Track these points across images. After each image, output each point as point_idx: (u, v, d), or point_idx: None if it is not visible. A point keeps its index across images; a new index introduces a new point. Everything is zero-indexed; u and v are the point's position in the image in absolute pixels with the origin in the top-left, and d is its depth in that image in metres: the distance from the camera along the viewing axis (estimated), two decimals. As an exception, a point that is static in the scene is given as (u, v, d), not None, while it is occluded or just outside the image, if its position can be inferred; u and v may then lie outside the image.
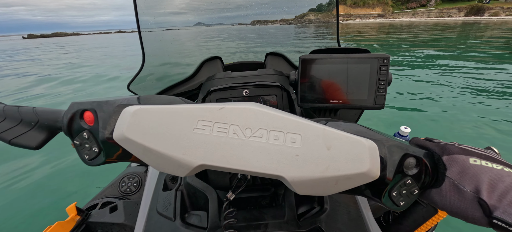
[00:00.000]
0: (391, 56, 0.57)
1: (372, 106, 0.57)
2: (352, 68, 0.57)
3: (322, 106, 0.60)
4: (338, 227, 0.46)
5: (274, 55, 0.90)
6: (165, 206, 0.52)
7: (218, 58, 0.88)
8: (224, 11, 1.24)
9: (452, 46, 11.66)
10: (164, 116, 0.30)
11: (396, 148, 0.31)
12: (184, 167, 0.29)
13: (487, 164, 0.29)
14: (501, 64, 7.24)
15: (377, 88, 0.55)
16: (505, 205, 0.26)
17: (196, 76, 0.85)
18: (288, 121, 0.30)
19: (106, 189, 0.84)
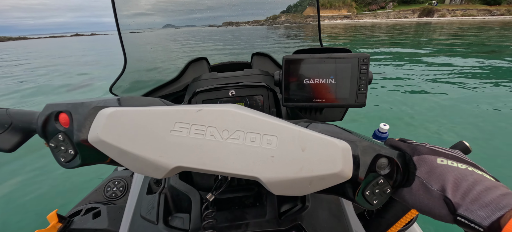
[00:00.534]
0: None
1: (354, 105, 0.58)
2: (334, 67, 0.58)
3: (306, 106, 0.61)
4: (319, 223, 0.47)
5: (260, 55, 0.90)
6: (149, 210, 0.51)
7: (204, 59, 0.87)
8: (194, 12, 1.20)
9: (410, 44, 12.95)
10: (141, 117, 0.30)
11: (369, 148, 0.32)
12: (161, 169, 0.29)
13: (453, 163, 0.30)
14: (450, 57, 8.34)
15: (358, 86, 0.56)
16: (468, 202, 0.27)
17: (182, 78, 0.83)
18: (265, 123, 0.30)
19: (91, 195, 0.81)
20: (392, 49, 11.48)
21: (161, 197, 0.53)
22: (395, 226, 0.60)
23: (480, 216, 0.26)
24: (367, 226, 0.65)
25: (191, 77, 0.79)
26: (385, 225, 0.61)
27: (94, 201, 0.78)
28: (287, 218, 0.48)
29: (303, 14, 1.36)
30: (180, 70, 0.84)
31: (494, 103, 4.12)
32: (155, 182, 0.60)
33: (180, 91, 0.82)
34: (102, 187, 0.83)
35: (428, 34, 20.24)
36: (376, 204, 0.32)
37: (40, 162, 2.94)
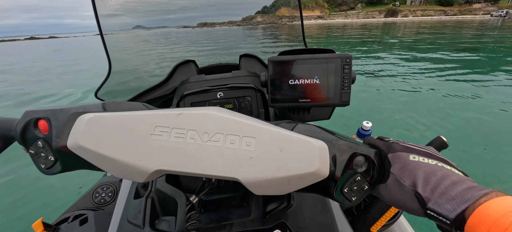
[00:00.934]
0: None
1: (338, 104, 0.60)
2: (318, 68, 0.60)
3: (292, 106, 0.62)
4: (303, 220, 0.48)
5: (248, 56, 0.91)
6: (135, 214, 0.52)
7: (192, 62, 0.88)
8: (169, 13, 1.17)
9: (377, 41, 13.95)
10: (120, 122, 0.30)
11: (346, 147, 0.33)
12: (141, 173, 0.30)
13: (424, 159, 0.31)
14: (411, 52, 9.41)
15: (342, 86, 0.58)
16: (436, 196, 0.28)
17: (170, 81, 0.83)
18: (244, 125, 0.31)
19: (79, 202, 0.80)
20: (362, 47, 12.31)
21: (148, 201, 0.53)
22: (380, 220, 0.62)
23: (447, 209, 0.27)
24: (354, 221, 0.67)
25: (179, 80, 0.79)
26: (371, 220, 0.63)
27: (82, 208, 0.76)
28: (271, 216, 0.49)
29: (285, 15, 1.41)
30: (168, 73, 0.83)
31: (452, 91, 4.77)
32: (142, 186, 0.59)
33: (168, 95, 0.81)
34: (90, 193, 0.82)
35: (394, 32, 22.09)
36: (355, 200, 0.33)
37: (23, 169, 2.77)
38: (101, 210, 0.75)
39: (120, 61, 0.82)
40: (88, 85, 6.87)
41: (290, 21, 1.29)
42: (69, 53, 19.13)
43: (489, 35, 16.70)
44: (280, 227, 0.46)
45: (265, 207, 0.51)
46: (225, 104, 0.69)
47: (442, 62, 7.58)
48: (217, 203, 0.54)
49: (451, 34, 18.03)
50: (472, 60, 7.65)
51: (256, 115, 0.71)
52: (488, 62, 7.38)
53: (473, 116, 3.70)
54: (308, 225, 0.48)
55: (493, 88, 4.94)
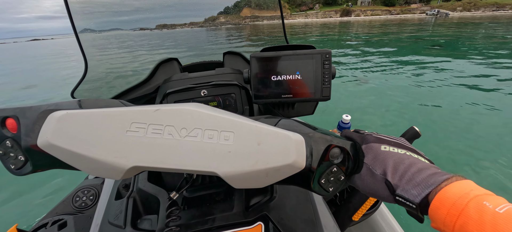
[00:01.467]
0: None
1: (320, 98, 0.62)
2: (299, 63, 0.61)
3: (275, 101, 0.63)
4: (285, 211, 0.49)
5: (232, 54, 0.91)
6: (116, 215, 0.51)
7: (175, 60, 0.86)
8: (127, 14, 1.11)
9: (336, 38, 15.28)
10: (94, 119, 0.30)
11: (322, 140, 0.34)
12: (117, 170, 0.29)
13: (394, 149, 0.33)
14: (366, 47, 10.48)
15: (322, 81, 0.60)
16: (404, 183, 0.30)
17: (153, 79, 0.81)
18: (223, 119, 0.31)
19: (58, 207, 0.79)
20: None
21: (130, 201, 0.52)
22: (361, 209, 0.66)
23: (413, 194, 0.29)
24: (338, 211, 0.70)
25: (162, 79, 0.78)
26: (352, 209, 0.66)
27: (61, 213, 0.74)
28: (254, 209, 0.49)
29: (264, 14, 1.42)
30: (150, 71, 0.80)
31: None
32: (124, 187, 0.58)
33: (151, 93, 0.79)
34: (70, 198, 0.79)
35: (352, 29, 24.19)
36: (332, 190, 0.35)
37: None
38: (81, 214, 0.73)
39: (98, 60, 0.80)
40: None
41: (269, 20, 1.32)
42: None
43: (427, 29, 19.77)
44: (262, 219, 0.47)
45: (249, 201, 0.52)
46: (210, 102, 0.69)
47: (393, 55, 8.73)
48: (201, 199, 0.53)
49: (398, 30, 20.66)
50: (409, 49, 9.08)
51: (241, 112, 0.71)
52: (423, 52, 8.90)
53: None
54: (290, 216, 0.49)
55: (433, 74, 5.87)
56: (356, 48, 10.79)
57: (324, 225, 0.49)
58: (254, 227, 0.45)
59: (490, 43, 10.61)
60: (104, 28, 0.93)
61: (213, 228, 0.45)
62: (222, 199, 0.54)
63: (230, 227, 0.46)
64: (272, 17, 1.08)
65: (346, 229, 0.70)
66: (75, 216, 0.69)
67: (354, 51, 10.05)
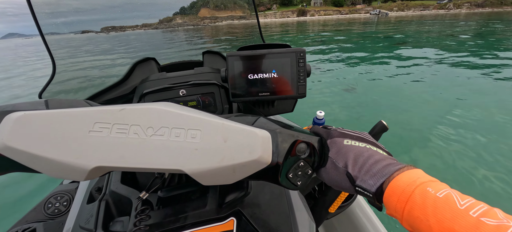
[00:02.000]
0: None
1: (296, 96, 0.63)
2: (275, 62, 0.62)
3: (253, 100, 0.64)
4: (259, 206, 0.50)
5: (211, 53, 0.90)
6: (88, 219, 0.50)
7: (152, 59, 0.83)
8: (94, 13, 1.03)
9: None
10: (54, 120, 0.29)
11: (288, 136, 0.35)
12: (79, 171, 0.29)
13: (356, 143, 0.35)
14: (321, 45, 11.65)
15: (298, 79, 0.62)
16: (362, 174, 0.31)
17: (129, 80, 0.78)
18: (189, 118, 0.32)
19: (28, 215, 0.76)
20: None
21: (102, 204, 0.51)
22: (336, 201, 0.68)
23: (370, 184, 0.30)
24: (315, 205, 0.72)
25: (139, 79, 0.76)
26: (328, 202, 0.69)
27: (32, 221, 0.72)
28: (227, 205, 0.49)
29: (237, 13, 1.45)
30: (126, 71, 0.79)
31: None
32: (96, 190, 0.57)
33: (128, 94, 0.77)
34: (42, 204, 0.76)
35: (309, 27, 25.88)
36: (300, 184, 0.36)
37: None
38: (51, 221, 0.70)
39: (67, 60, 0.78)
40: None
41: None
42: None
43: (372, 25, 22.60)
44: (234, 215, 0.47)
45: (224, 198, 0.52)
46: (189, 102, 0.68)
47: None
48: (176, 198, 0.53)
49: (357, 28, 23.16)
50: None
51: (220, 111, 0.71)
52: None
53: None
54: (264, 210, 0.50)
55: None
56: (315, 46, 11.93)
57: (298, 218, 0.50)
58: (226, 222, 0.46)
59: (426, 36, 13.37)
60: (73, 29, 0.90)
61: (186, 226, 0.45)
62: (198, 197, 0.53)
63: (202, 223, 0.45)
64: (243, 16, 1.09)
65: (324, 221, 0.72)
66: (45, 223, 0.67)
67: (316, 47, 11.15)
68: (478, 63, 6.60)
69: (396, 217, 0.28)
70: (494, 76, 5.34)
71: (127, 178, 0.57)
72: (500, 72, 5.66)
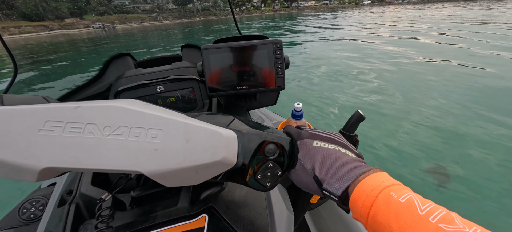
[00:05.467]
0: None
1: (274, 88, 0.63)
2: (252, 54, 0.60)
3: (231, 93, 0.61)
4: (234, 201, 0.49)
5: (190, 47, 0.87)
6: (57, 223, 0.48)
7: (128, 55, 0.81)
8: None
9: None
10: (1, 117, 0.28)
11: (255, 136, 0.34)
12: (28, 172, 0.28)
13: (325, 145, 0.33)
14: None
15: (276, 70, 0.61)
16: (329, 177, 0.30)
17: (104, 77, 0.76)
18: (151, 116, 0.31)
19: (1, 221, 0.72)
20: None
21: (72, 207, 0.49)
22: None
23: (336, 187, 0.29)
24: (297, 196, 0.70)
25: (114, 76, 0.73)
26: (309, 194, 0.67)
27: (5, 227, 0.70)
28: (200, 202, 0.48)
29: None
30: (100, 68, 0.76)
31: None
32: (67, 193, 0.55)
33: (103, 92, 0.74)
34: (16, 210, 0.73)
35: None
36: (269, 185, 0.36)
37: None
38: (25, 226, 0.69)
39: (30, 58, 0.60)
40: None
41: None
42: None
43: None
44: (207, 212, 0.45)
45: (199, 195, 0.50)
46: (168, 98, 0.66)
47: None
48: (150, 198, 0.50)
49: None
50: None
51: (201, 107, 0.68)
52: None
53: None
54: (239, 205, 0.48)
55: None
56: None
57: (276, 211, 0.50)
58: (197, 220, 0.44)
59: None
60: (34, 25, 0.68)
61: (156, 225, 0.43)
62: (172, 195, 0.51)
63: (173, 222, 0.43)
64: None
65: (306, 211, 0.73)
66: (19, 228, 0.68)
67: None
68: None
69: (361, 222, 0.28)
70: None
71: (100, 179, 0.55)
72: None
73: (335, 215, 0.92)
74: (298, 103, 0.72)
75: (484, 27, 10.98)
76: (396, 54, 6.46)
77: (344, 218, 0.89)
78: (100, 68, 0.76)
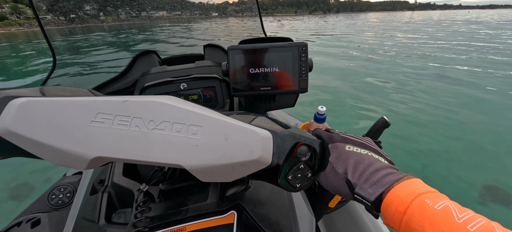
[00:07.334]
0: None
1: (297, 91, 0.63)
2: (276, 56, 0.60)
3: (254, 94, 0.63)
4: (259, 200, 0.50)
5: (212, 46, 0.90)
6: (91, 210, 0.50)
7: (153, 53, 0.85)
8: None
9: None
10: (57, 108, 0.30)
11: (289, 137, 0.34)
12: (80, 160, 0.29)
13: (357, 149, 0.34)
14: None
15: (299, 73, 0.61)
16: (362, 182, 0.31)
17: (130, 73, 0.80)
18: (191, 113, 0.32)
19: (32, 205, 0.79)
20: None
21: (104, 195, 0.52)
22: (336, 197, 0.67)
23: (369, 192, 0.30)
24: (316, 199, 0.70)
25: (139, 72, 0.76)
26: (328, 197, 0.67)
27: (36, 211, 0.74)
28: (228, 199, 0.49)
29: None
30: (127, 64, 0.80)
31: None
32: (99, 182, 0.58)
33: (129, 87, 0.78)
34: (45, 196, 0.78)
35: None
36: (299, 187, 0.36)
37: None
38: (55, 212, 0.72)
39: (68, 53, 0.83)
40: None
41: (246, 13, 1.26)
42: None
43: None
44: (235, 208, 0.47)
45: (225, 192, 0.51)
46: (190, 96, 0.67)
47: None
48: (178, 192, 0.52)
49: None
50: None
51: (221, 105, 0.69)
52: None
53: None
54: (264, 204, 0.49)
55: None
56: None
57: (299, 213, 0.50)
58: (227, 216, 0.46)
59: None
60: (72, 21, 0.92)
61: (187, 218, 0.45)
62: (199, 191, 0.53)
63: (202, 216, 0.45)
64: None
65: (324, 215, 0.72)
66: (50, 213, 0.70)
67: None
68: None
69: (394, 228, 0.28)
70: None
71: (129, 170, 0.57)
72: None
73: (348, 220, 0.89)
74: (322, 106, 0.70)
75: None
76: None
77: (357, 223, 0.85)
78: (127, 64, 0.80)
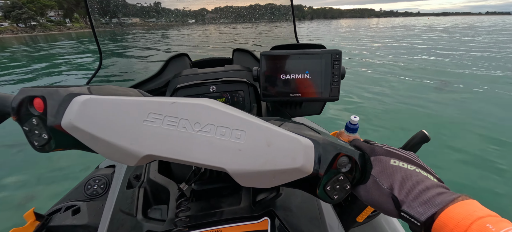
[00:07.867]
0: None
1: (328, 98, 0.62)
2: (309, 63, 0.60)
3: (284, 100, 0.63)
4: (290, 208, 0.50)
5: (241, 51, 0.92)
6: (128, 204, 0.52)
7: (185, 55, 0.88)
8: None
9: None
10: (114, 106, 0.31)
11: (331, 147, 0.34)
12: (132, 157, 0.31)
13: (403, 164, 0.32)
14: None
15: (332, 81, 0.60)
16: (410, 200, 0.29)
17: (163, 74, 0.83)
18: (235, 118, 0.32)
19: (70, 193, 0.83)
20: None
21: (141, 190, 0.54)
22: (365, 211, 0.65)
23: (419, 212, 0.28)
24: (342, 212, 0.68)
25: (172, 73, 0.79)
26: (357, 211, 0.65)
27: (74, 199, 0.78)
28: (260, 205, 0.50)
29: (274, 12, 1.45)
30: (161, 66, 0.83)
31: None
32: (134, 177, 0.59)
33: (161, 88, 0.80)
34: (82, 185, 0.83)
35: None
36: (336, 198, 0.34)
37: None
38: (93, 201, 0.74)
39: (112, 54, 0.89)
40: None
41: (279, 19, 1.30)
42: None
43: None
44: (268, 215, 0.47)
45: (255, 197, 0.52)
46: (218, 98, 0.69)
47: None
48: (208, 192, 0.54)
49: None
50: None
51: (248, 109, 0.70)
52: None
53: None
54: (295, 213, 0.49)
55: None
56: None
57: (329, 224, 0.49)
58: (261, 222, 0.46)
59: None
60: (120, 23, 0.98)
61: (221, 221, 0.46)
62: (229, 193, 0.54)
63: (237, 220, 0.46)
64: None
65: (350, 229, 0.69)
66: (88, 203, 0.71)
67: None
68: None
69: None
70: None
71: (163, 167, 0.58)
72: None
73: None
74: (355, 116, 0.67)
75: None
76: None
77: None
78: (161, 65, 0.82)
